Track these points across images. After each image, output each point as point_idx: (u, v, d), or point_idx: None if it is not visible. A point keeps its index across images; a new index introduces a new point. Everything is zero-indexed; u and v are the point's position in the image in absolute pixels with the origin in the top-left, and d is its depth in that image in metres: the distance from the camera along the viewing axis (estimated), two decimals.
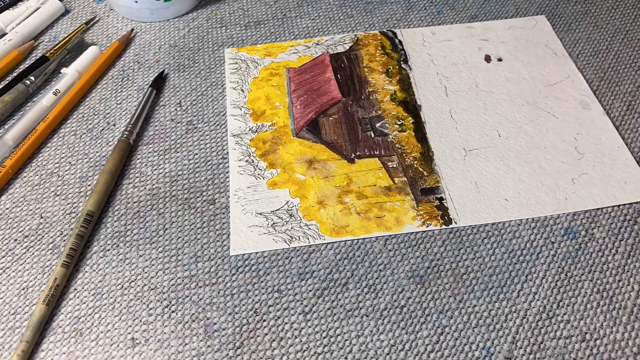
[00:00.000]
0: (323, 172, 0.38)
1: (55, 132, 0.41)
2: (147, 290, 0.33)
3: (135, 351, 0.31)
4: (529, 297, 0.32)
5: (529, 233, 0.35)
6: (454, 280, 0.33)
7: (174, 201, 0.37)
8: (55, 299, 0.32)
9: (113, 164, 0.37)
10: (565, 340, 0.30)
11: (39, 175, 0.38)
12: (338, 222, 0.35)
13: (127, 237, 0.35)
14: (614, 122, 0.40)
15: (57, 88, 0.42)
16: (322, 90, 0.42)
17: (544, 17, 0.47)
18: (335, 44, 0.46)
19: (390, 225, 0.35)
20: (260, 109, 0.41)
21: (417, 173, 0.37)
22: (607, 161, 0.37)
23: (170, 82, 0.44)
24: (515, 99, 0.41)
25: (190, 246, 0.35)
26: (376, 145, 0.39)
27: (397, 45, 0.45)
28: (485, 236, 0.34)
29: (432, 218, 0.35)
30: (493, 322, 0.31)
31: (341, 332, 0.31)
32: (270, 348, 0.31)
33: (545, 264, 0.33)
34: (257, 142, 0.39)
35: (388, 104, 0.41)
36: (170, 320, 0.32)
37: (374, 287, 0.33)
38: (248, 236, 0.35)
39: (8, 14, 0.47)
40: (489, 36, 0.46)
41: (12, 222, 0.36)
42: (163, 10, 0.47)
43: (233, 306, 0.32)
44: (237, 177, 0.37)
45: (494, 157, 0.38)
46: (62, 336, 0.31)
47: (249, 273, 0.33)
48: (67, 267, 0.33)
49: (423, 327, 0.31)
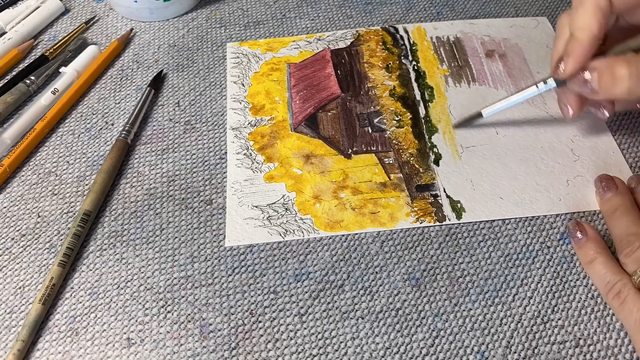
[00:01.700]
0: (320, 167, 0.38)
1: (54, 131, 0.41)
2: (143, 290, 0.33)
3: (130, 351, 0.31)
4: (524, 301, 0.32)
5: (525, 237, 0.35)
6: (449, 283, 0.33)
7: (171, 201, 0.37)
8: (51, 298, 0.32)
9: (111, 164, 0.37)
10: (559, 345, 0.30)
11: (37, 174, 0.38)
12: (333, 217, 0.35)
13: (123, 236, 0.35)
14: (609, 126, 0.40)
15: (55, 87, 0.42)
16: (322, 85, 0.43)
17: (545, 18, 0.47)
18: (337, 39, 0.46)
19: (384, 221, 0.35)
20: (260, 103, 0.41)
21: (413, 170, 0.37)
22: (601, 165, 0.37)
23: (169, 82, 0.44)
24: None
25: (186, 246, 0.35)
26: (373, 141, 0.39)
27: (398, 41, 0.45)
28: (481, 239, 0.34)
29: (426, 215, 0.35)
30: (488, 326, 0.31)
31: (337, 334, 0.31)
32: (266, 349, 0.31)
33: (541, 268, 0.33)
34: (255, 135, 0.40)
35: (387, 99, 0.41)
36: (166, 320, 0.32)
37: (369, 289, 0.33)
38: (243, 228, 0.35)
39: (8, 13, 0.47)
40: (491, 33, 0.46)
41: (9, 221, 0.36)
42: (162, 10, 0.47)
43: (229, 307, 0.32)
44: (235, 170, 0.38)
45: (491, 155, 0.38)
46: (58, 335, 0.31)
47: (245, 274, 0.33)
48: (64, 267, 0.33)
49: (418, 330, 0.31)
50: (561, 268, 0.33)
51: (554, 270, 0.33)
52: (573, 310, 0.32)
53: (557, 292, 0.32)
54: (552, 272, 0.33)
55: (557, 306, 0.32)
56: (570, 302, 0.32)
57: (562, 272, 0.33)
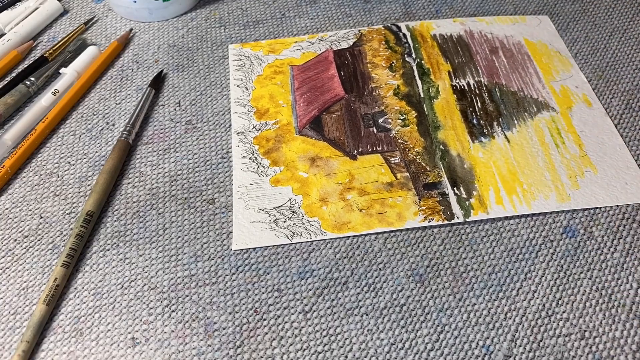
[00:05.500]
0: (325, 170, 0.38)
1: (55, 132, 0.41)
2: (147, 290, 0.33)
3: (135, 351, 0.31)
4: (528, 295, 0.32)
5: (528, 231, 0.35)
6: (453, 278, 0.33)
7: (174, 201, 0.37)
8: (55, 299, 0.32)
9: (112, 164, 0.37)
10: (564, 338, 0.31)
11: (39, 176, 0.38)
12: (340, 219, 0.35)
13: (126, 236, 0.35)
14: (613, 121, 0.40)
15: (56, 88, 0.42)
16: (326, 87, 0.42)
17: (547, 17, 0.47)
18: (339, 39, 0.46)
19: (392, 221, 0.35)
20: (264, 107, 0.41)
21: (420, 168, 0.37)
22: (608, 161, 0.38)
23: (169, 82, 0.44)
24: (520, 92, 0.41)
25: (190, 246, 0.35)
26: (379, 141, 0.39)
27: (400, 39, 0.45)
28: (484, 235, 0.35)
29: (434, 213, 0.35)
30: (493, 321, 0.31)
31: (341, 331, 0.31)
32: (271, 347, 0.31)
33: (545, 262, 0.33)
34: (260, 140, 0.39)
35: (391, 98, 0.41)
36: (171, 319, 0.32)
37: (373, 286, 0.33)
38: (250, 231, 0.35)
39: (6, 14, 0.47)
40: (494, 30, 0.46)
41: (12, 222, 0.36)
42: (162, 10, 0.47)
43: (233, 305, 0.32)
44: (241, 174, 0.38)
45: (499, 150, 0.38)
46: (63, 336, 0.31)
47: (249, 272, 0.33)
48: (67, 267, 0.33)
49: (423, 326, 0.31)
50: (565, 262, 0.33)
51: (557, 263, 0.33)
52: (578, 303, 0.32)
53: (561, 286, 0.32)
54: (555, 265, 0.33)
55: (562, 299, 0.32)
56: (574, 294, 0.32)
57: (565, 266, 0.33)
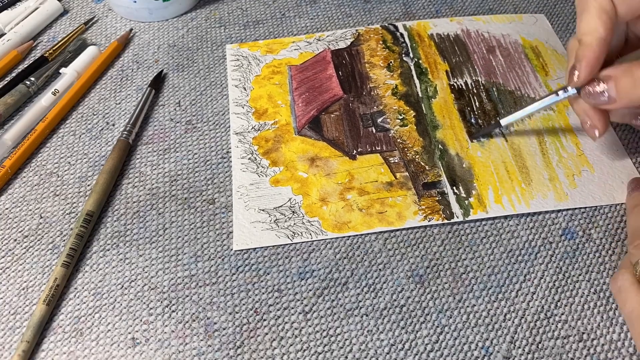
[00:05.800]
0: (325, 170, 0.38)
1: (55, 132, 0.41)
2: (147, 290, 0.33)
3: (135, 351, 0.31)
4: (527, 297, 0.32)
5: (527, 233, 0.35)
6: (453, 279, 0.33)
7: (174, 201, 0.37)
8: (55, 299, 0.32)
9: (112, 164, 0.37)
10: (562, 340, 0.31)
11: (39, 175, 0.38)
12: (340, 219, 0.35)
13: (126, 236, 0.35)
14: (612, 123, 0.40)
15: (56, 88, 0.42)
16: (324, 87, 0.43)
17: (543, 16, 0.47)
18: (337, 39, 0.46)
19: (392, 220, 0.35)
20: (263, 107, 0.41)
21: (419, 167, 0.38)
22: (605, 160, 0.38)
23: (169, 82, 0.44)
24: (517, 90, 0.42)
25: (190, 246, 0.35)
26: (378, 141, 0.39)
27: (398, 39, 0.45)
28: (483, 236, 0.35)
29: (434, 212, 0.35)
30: (492, 322, 0.31)
31: (341, 332, 0.31)
32: (271, 347, 0.31)
33: (544, 264, 0.33)
34: (259, 140, 0.40)
35: (389, 98, 0.41)
36: (171, 319, 0.32)
37: (373, 287, 0.33)
38: (251, 232, 0.35)
39: (6, 14, 0.47)
40: (490, 29, 0.46)
41: (12, 222, 0.36)
42: (162, 10, 0.47)
43: (233, 306, 0.32)
44: (240, 175, 0.38)
45: (497, 149, 0.38)
46: (63, 336, 0.31)
47: (249, 272, 0.33)
48: (67, 267, 0.33)
49: (422, 327, 0.31)
50: (564, 263, 0.33)
51: (556, 265, 0.33)
52: (576, 305, 0.32)
53: (559, 288, 0.33)
54: (554, 267, 0.33)
55: (560, 301, 0.32)
56: (573, 297, 0.32)
57: (564, 268, 0.33)
